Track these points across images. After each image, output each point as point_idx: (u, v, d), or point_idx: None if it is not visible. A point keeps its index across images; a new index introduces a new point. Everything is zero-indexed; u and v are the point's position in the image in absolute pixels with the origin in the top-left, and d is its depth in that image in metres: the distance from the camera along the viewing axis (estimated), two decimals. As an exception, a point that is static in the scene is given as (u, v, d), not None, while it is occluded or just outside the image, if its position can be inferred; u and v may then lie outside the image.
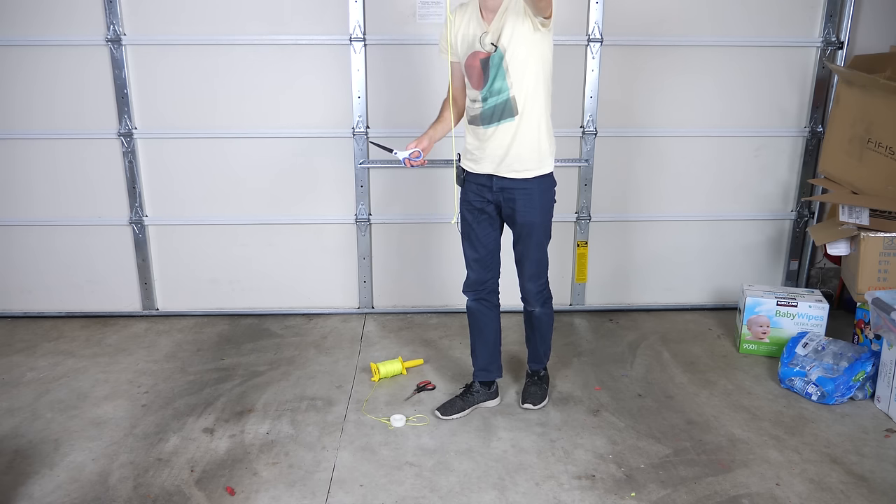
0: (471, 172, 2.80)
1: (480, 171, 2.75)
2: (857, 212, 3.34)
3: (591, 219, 3.86)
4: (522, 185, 2.72)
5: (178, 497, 2.48)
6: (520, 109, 2.65)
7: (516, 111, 2.65)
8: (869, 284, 3.28)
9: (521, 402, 3.03)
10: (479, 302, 2.94)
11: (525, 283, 2.89)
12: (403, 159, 2.76)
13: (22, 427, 2.90)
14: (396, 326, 3.83)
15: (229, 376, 3.30)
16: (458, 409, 2.97)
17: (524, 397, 3.04)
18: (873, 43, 3.65)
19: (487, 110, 2.68)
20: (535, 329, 2.99)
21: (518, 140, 2.67)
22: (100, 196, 3.77)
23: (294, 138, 3.72)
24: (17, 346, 3.62)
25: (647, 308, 4.03)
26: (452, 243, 3.88)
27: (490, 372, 3.02)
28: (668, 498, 2.48)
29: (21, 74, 3.58)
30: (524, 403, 3.01)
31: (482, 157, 2.73)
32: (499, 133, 2.68)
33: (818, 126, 3.77)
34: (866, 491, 2.52)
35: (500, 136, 2.68)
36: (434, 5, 3.53)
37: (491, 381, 3.04)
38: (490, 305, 2.96)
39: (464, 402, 2.99)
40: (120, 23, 3.51)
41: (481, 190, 2.78)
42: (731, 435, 2.84)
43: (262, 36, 3.56)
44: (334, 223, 3.87)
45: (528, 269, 2.86)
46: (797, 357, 3.18)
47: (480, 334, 2.99)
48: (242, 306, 3.96)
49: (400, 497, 2.49)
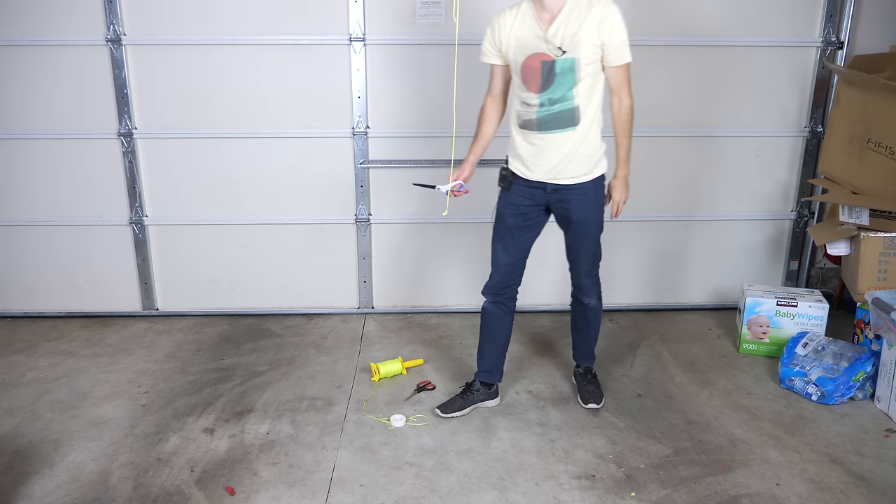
0: (520, 176, 2.76)
1: (533, 178, 2.73)
2: (857, 212, 3.34)
3: (591, 219, 3.87)
4: (578, 187, 2.71)
5: (178, 497, 2.48)
6: (581, 119, 2.62)
7: (578, 121, 2.62)
8: (869, 284, 3.28)
9: (583, 403, 3.02)
10: (497, 305, 2.94)
11: (581, 279, 2.90)
12: (447, 192, 2.80)
13: (22, 427, 2.90)
14: (396, 326, 3.83)
15: (229, 376, 3.30)
16: (459, 408, 2.97)
17: (585, 397, 3.03)
18: (873, 43, 3.65)
19: (545, 116, 2.62)
20: (590, 322, 3.01)
21: (578, 150, 2.65)
22: (100, 196, 3.77)
23: (294, 138, 3.72)
24: (17, 346, 3.62)
25: (647, 308, 4.03)
26: (452, 243, 3.88)
27: (493, 374, 3.02)
28: (668, 498, 2.48)
29: (21, 74, 3.58)
30: (588, 403, 3.00)
31: (535, 164, 2.70)
32: (556, 141, 2.64)
33: (818, 126, 3.78)
34: (866, 491, 2.52)
35: (558, 144, 2.64)
36: (434, 5, 3.53)
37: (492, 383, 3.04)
38: (507, 310, 2.95)
39: (464, 400, 2.99)
40: (120, 23, 3.51)
41: (532, 193, 2.75)
42: (731, 435, 2.84)
43: (263, 36, 3.56)
44: (334, 223, 3.87)
45: (583, 265, 2.87)
46: (797, 357, 3.18)
47: (491, 337, 2.99)
48: (242, 306, 3.96)
49: (400, 497, 2.49)
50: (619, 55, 2.59)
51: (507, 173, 2.78)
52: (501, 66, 2.74)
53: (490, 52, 2.72)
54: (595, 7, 2.53)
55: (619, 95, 2.67)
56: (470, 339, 3.67)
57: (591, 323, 3.02)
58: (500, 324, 2.96)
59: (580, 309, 2.99)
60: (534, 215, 2.79)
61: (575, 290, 2.97)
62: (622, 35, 2.57)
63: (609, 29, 2.53)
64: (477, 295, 3.95)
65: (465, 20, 3.53)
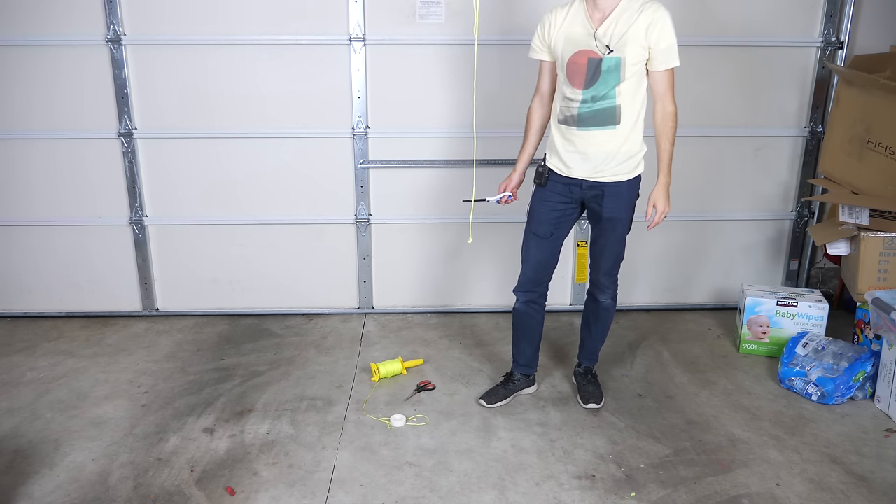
0: (557, 173, 2.77)
1: (570, 175, 2.74)
2: (857, 212, 3.34)
3: (591, 219, 3.87)
4: (613, 185, 2.73)
5: (178, 497, 2.48)
6: (623, 119, 2.63)
7: (618, 120, 2.63)
8: (869, 284, 3.28)
9: (583, 403, 3.03)
10: (529, 305, 2.96)
11: (600, 277, 2.91)
12: (497, 201, 2.91)
13: (22, 427, 2.90)
14: (396, 326, 3.83)
15: (229, 376, 3.30)
16: (502, 397, 3.04)
17: (585, 397, 3.03)
18: (873, 43, 3.64)
19: (587, 113, 2.64)
20: (601, 321, 3.01)
21: (618, 150, 2.66)
22: (100, 196, 3.77)
23: (294, 138, 3.71)
24: (17, 346, 3.62)
25: (647, 308, 4.03)
26: (452, 243, 3.88)
27: (531, 367, 3.10)
28: (668, 498, 2.48)
29: (21, 74, 3.58)
30: (587, 404, 3.01)
31: (573, 161, 2.71)
32: (595, 138, 2.66)
33: (818, 126, 3.77)
34: (866, 491, 2.52)
35: (597, 141, 2.66)
36: (434, 5, 3.53)
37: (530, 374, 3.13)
38: (538, 309, 2.98)
39: (506, 389, 3.06)
40: (120, 23, 3.50)
41: (569, 189, 2.76)
42: (731, 435, 2.84)
43: (263, 36, 3.56)
44: (334, 223, 3.86)
45: (606, 263, 2.87)
46: (797, 357, 3.18)
47: (525, 336, 3.03)
48: (242, 306, 3.96)
49: (400, 497, 2.49)
50: (664, 60, 2.61)
51: (543, 170, 2.80)
52: (549, 62, 2.76)
53: (539, 49, 2.75)
54: (646, 11, 2.56)
55: (662, 102, 2.68)
56: (470, 338, 3.67)
57: (601, 322, 3.02)
58: (533, 322, 3.00)
59: (593, 306, 3.00)
60: (569, 211, 2.82)
61: (592, 287, 2.98)
62: (669, 40, 2.59)
63: (657, 33, 2.56)
64: (477, 295, 3.98)
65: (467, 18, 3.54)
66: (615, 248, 2.85)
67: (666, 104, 2.68)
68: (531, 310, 2.96)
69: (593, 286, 2.98)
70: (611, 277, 2.93)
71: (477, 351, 3.54)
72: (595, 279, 2.95)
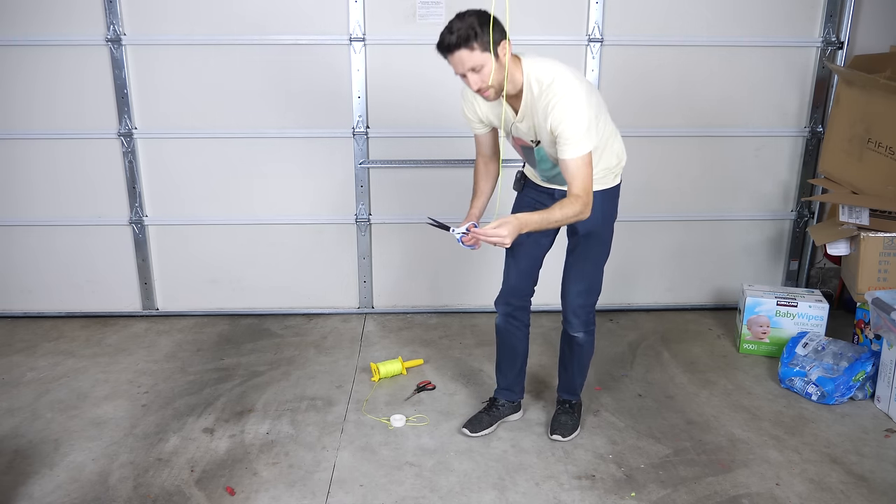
0: (533, 181, 2.68)
1: (543, 185, 2.63)
2: (857, 212, 3.34)
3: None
4: None
5: (178, 497, 2.48)
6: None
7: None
8: (869, 284, 3.28)
9: (549, 433, 2.81)
10: (508, 321, 2.78)
11: (571, 299, 2.67)
12: (459, 236, 2.42)
13: (22, 427, 2.90)
14: (396, 326, 3.83)
15: (229, 376, 3.30)
16: (486, 425, 2.84)
17: (553, 427, 2.82)
18: (873, 43, 3.65)
19: (549, 175, 2.55)
20: (576, 357, 2.77)
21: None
22: (100, 196, 3.77)
23: (294, 138, 3.72)
24: (17, 346, 3.62)
25: (647, 308, 4.03)
26: (452, 243, 3.87)
27: (513, 392, 2.91)
28: (668, 498, 2.48)
29: (21, 74, 3.58)
30: (552, 434, 2.79)
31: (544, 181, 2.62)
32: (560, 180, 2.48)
33: (818, 126, 3.78)
34: (866, 491, 2.52)
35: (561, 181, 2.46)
36: (434, 5, 3.53)
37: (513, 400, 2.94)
38: (520, 325, 2.80)
39: (490, 416, 2.87)
40: (120, 23, 3.51)
41: (541, 196, 2.63)
42: (731, 435, 2.84)
43: (263, 36, 3.56)
44: (334, 223, 3.87)
45: (575, 284, 2.64)
46: (797, 357, 3.18)
47: (506, 353, 2.85)
48: (242, 306, 3.96)
49: (400, 497, 2.49)
50: (563, 149, 2.29)
51: (521, 176, 2.71)
52: (487, 133, 2.58)
53: (480, 125, 2.56)
54: (544, 96, 2.28)
55: (569, 186, 2.33)
56: (470, 338, 3.67)
57: (577, 359, 2.78)
58: (514, 339, 2.81)
59: (567, 341, 2.77)
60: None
61: (563, 321, 2.74)
62: (567, 128, 2.26)
63: (556, 119, 2.27)
64: (477, 295, 3.98)
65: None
66: (586, 267, 2.63)
67: (572, 189, 2.31)
68: (511, 326, 2.79)
69: (563, 320, 2.73)
70: (582, 304, 2.66)
71: (477, 351, 3.54)
72: (564, 314, 2.71)
